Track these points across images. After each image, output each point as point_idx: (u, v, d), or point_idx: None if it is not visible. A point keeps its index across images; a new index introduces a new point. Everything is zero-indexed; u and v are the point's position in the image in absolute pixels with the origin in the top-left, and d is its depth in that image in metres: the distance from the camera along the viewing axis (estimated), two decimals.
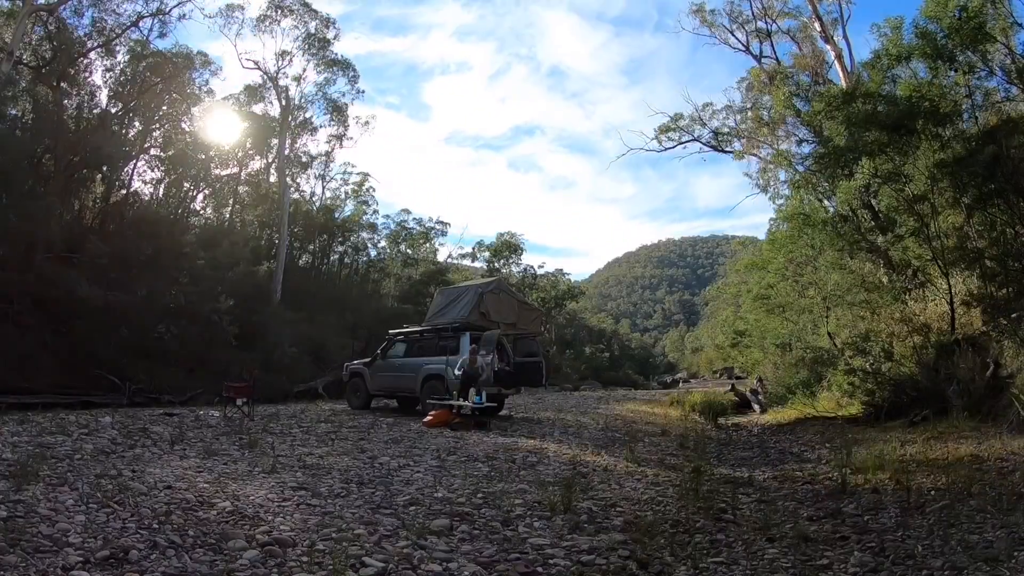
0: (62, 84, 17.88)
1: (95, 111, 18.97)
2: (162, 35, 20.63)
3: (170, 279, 16.03)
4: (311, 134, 27.64)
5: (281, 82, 24.49)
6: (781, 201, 19.02)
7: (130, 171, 20.53)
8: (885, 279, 12.42)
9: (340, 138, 28.02)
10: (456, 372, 10.73)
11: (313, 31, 24.41)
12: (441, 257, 37.41)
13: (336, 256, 31.98)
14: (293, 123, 25.92)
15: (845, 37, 17.99)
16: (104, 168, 18.63)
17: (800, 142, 17.21)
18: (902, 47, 12.43)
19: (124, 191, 20.61)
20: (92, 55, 19.28)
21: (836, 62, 17.54)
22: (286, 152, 25.80)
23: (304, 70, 24.88)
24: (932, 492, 4.84)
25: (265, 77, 24.41)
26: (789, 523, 4.40)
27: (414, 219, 35.62)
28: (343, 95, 26.60)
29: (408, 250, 35.64)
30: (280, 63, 24.10)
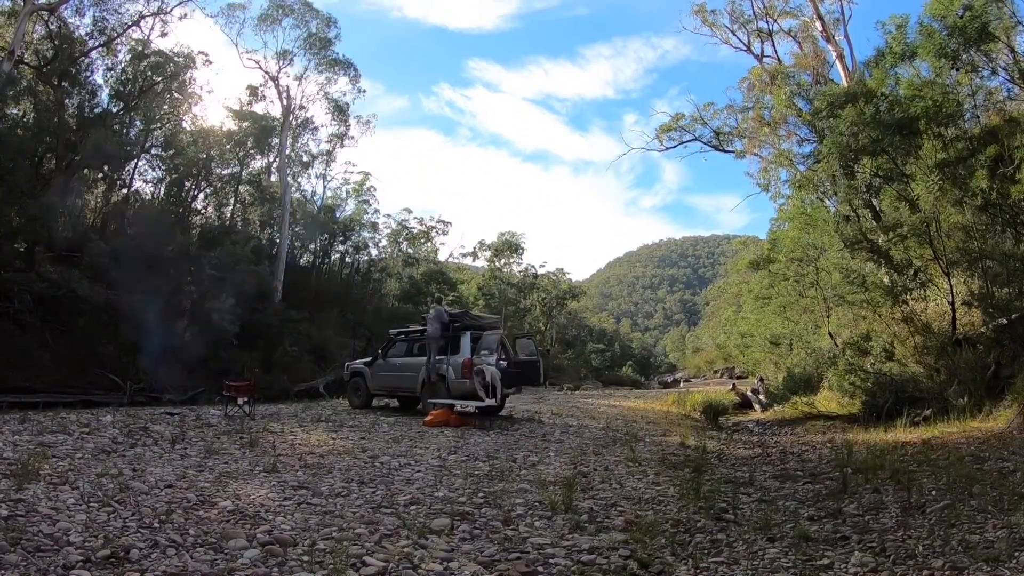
0: (63, 83, 17.88)
1: (96, 110, 18.95)
2: (163, 34, 20.70)
3: (171, 278, 16.03)
4: (312, 133, 27.64)
5: (282, 82, 24.50)
6: (783, 201, 19.04)
7: (131, 170, 20.55)
8: (886, 279, 12.41)
9: (341, 137, 28.01)
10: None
11: (314, 31, 24.39)
12: (442, 256, 37.38)
13: (337, 255, 31.92)
14: (294, 122, 25.91)
15: (846, 37, 18.04)
16: (105, 167, 18.65)
17: (801, 142, 17.22)
18: (906, 45, 12.42)
19: (125, 190, 20.63)
20: (93, 54, 19.27)
21: (837, 62, 17.54)
22: (287, 151, 25.79)
23: (305, 70, 24.90)
24: (933, 492, 4.83)
25: (266, 76, 24.42)
26: (790, 523, 4.39)
27: (415, 218, 35.60)
28: (344, 95, 26.65)
29: (409, 249, 35.60)
30: (281, 63, 24.11)
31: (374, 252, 33.96)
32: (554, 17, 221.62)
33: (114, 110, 19.56)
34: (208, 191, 24.33)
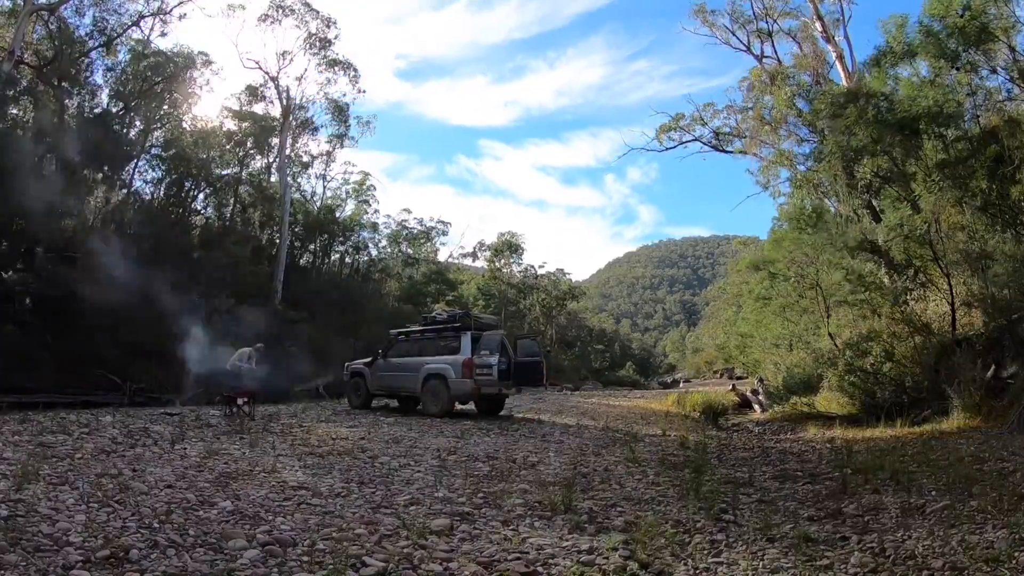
0: (63, 83, 17.89)
1: (96, 110, 18.99)
2: (163, 35, 20.78)
3: (171, 279, 16.02)
4: (312, 134, 27.63)
5: (282, 82, 24.48)
6: (783, 200, 19.05)
7: (131, 170, 20.57)
8: (886, 279, 12.41)
9: (341, 138, 28.02)
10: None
11: (314, 31, 24.37)
12: (442, 257, 37.33)
13: (337, 256, 31.88)
14: (294, 123, 25.90)
15: (846, 37, 18.05)
16: (105, 168, 18.64)
17: (801, 142, 17.24)
18: (906, 45, 12.43)
19: (125, 191, 20.62)
20: (93, 55, 19.31)
21: (837, 62, 17.55)
22: (287, 152, 25.78)
23: (305, 70, 24.87)
24: (933, 492, 4.83)
25: (266, 77, 24.39)
26: (790, 523, 4.39)
27: (415, 219, 35.55)
28: (344, 95, 26.65)
29: (409, 250, 35.55)
30: (281, 63, 24.08)
31: (374, 252, 33.92)
32: (547, 120, 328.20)
33: (114, 110, 19.59)
34: (208, 191, 24.32)
